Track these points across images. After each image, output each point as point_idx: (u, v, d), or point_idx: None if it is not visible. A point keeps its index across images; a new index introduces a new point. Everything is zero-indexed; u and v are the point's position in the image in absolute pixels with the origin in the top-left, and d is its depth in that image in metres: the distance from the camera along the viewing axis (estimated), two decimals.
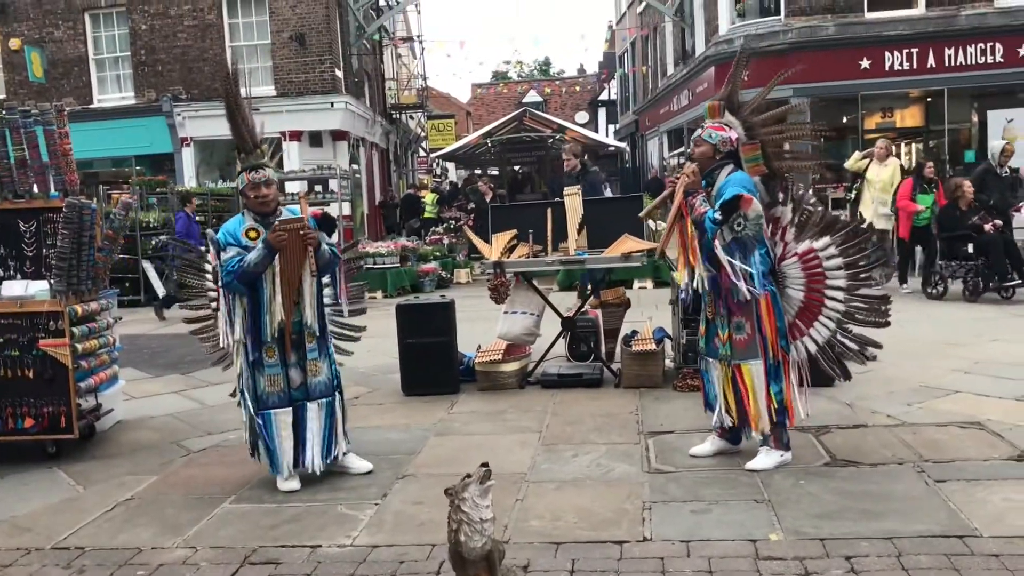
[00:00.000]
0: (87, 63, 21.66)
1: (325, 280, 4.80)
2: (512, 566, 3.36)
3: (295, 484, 4.55)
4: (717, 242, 4.37)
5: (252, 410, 4.54)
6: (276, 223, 4.42)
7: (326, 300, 4.87)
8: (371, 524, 4.04)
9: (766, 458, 4.53)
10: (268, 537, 3.94)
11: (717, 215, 4.35)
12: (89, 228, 5.50)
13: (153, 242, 14.24)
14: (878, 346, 4.62)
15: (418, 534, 3.86)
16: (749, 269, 4.38)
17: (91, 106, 21.48)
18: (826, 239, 4.51)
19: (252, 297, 4.47)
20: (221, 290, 4.49)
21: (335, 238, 4.88)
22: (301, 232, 4.40)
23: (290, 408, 4.56)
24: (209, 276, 5.27)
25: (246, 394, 4.57)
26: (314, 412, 4.60)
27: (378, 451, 5.11)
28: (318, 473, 4.62)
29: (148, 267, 13.79)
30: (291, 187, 16.81)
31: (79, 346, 5.36)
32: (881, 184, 11.49)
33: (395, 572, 3.50)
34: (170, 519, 4.24)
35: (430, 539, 3.74)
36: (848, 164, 12.21)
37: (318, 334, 4.62)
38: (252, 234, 4.47)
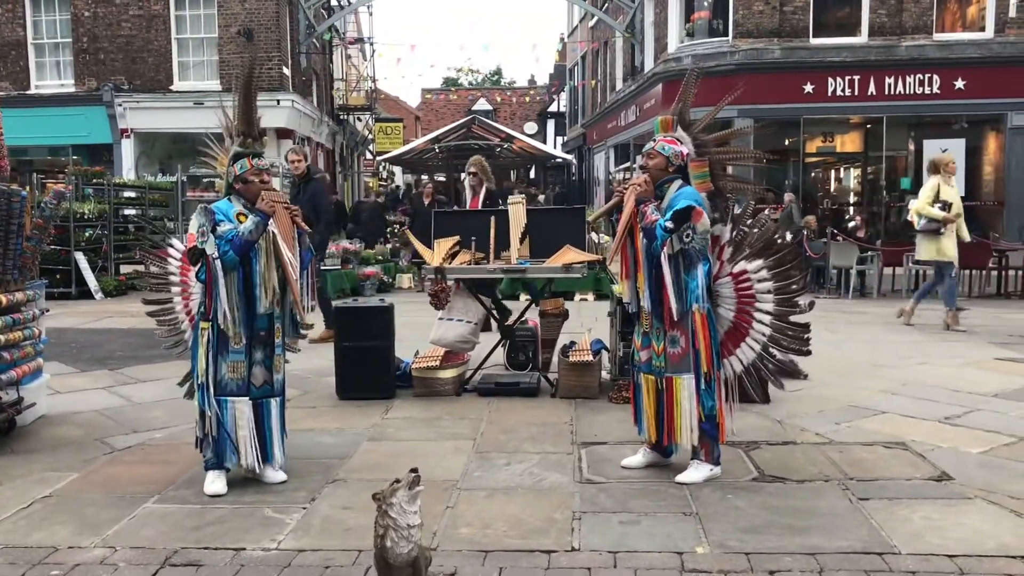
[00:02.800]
0: (25, 47, 21.14)
1: None
2: (439, 573, 3.35)
3: (222, 487, 4.45)
4: (665, 251, 4.42)
5: (210, 395, 4.41)
6: (261, 195, 4.45)
7: None
8: (297, 528, 3.98)
9: (696, 472, 4.58)
10: (190, 539, 3.86)
11: (668, 223, 4.38)
12: (18, 216, 5.36)
13: (87, 234, 13.90)
14: (798, 376, 4.70)
15: (345, 539, 3.82)
16: (689, 282, 4.44)
17: (28, 92, 20.95)
18: (759, 262, 4.57)
19: (242, 272, 4.42)
20: (214, 264, 4.30)
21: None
22: (285, 206, 4.52)
23: (248, 399, 4.48)
24: (174, 262, 5.13)
25: (205, 380, 4.42)
26: (275, 409, 4.59)
27: (309, 455, 5.05)
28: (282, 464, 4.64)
29: (81, 259, 13.45)
30: None
31: (1, 337, 5.20)
32: (956, 208, 9.85)
33: None
34: (90, 518, 4.13)
35: (357, 544, 3.70)
36: (925, 204, 9.88)
37: (287, 326, 4.67)
38: (242, 218, 4.43)
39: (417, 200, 18.73)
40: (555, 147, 39.44)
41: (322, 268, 9.91)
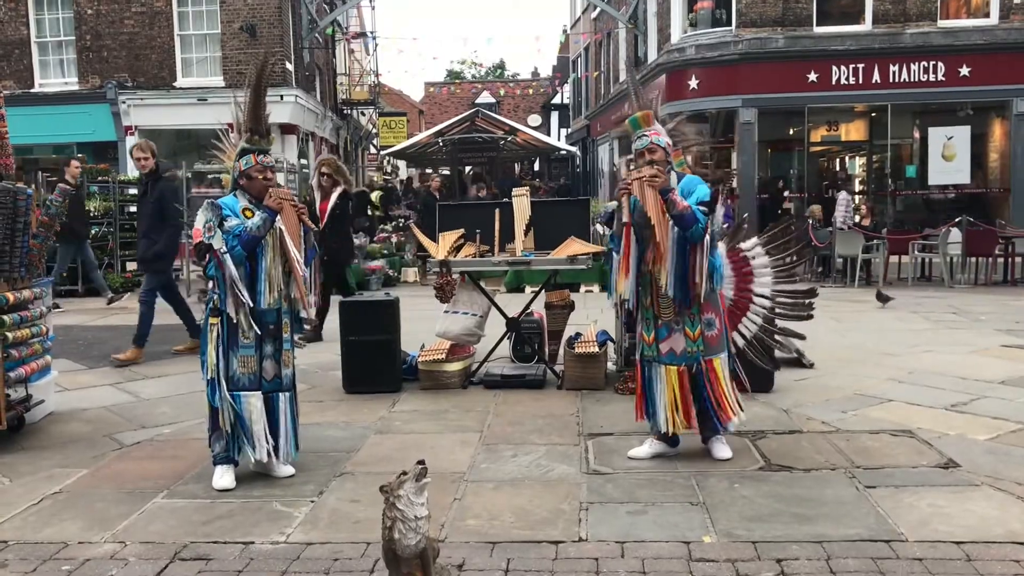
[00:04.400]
0: (29, 46, 21.16)
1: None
2: (447, 564, 3.35)
3: (230, 482, 4.47)
4: (707, 233, 4.47)
5: (223, 390, 4.41)
6: (269, 192, 4.47)
7: None
8: (306, 521, 4.00)
9: (727, 446, 4.70)
10: (200, 533, 3.88)
11: (703, 208, 4.43)
12: (24, 214, 5.38)
13: (93, 231, 13.92)
14: (801, 337, 4.79)
15: (353, 532, 3.84)
16: (716, 263, 4.59)
17: (32, 90, 20.98)
18: (753, 240, 4.71)
19: (248, 268, 4.45)
20: (223, 258, 4.35)
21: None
22: (292, 204, 4.54)
23: (260, 393, 4.50)
24: None
25: (215, 376, 4.43)
26: (284, 403, 4.58)
27: (316, 448, 5.06)
28: (294, 458, 4.64)
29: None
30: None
31: (9, 334, 5.22)
32: None
33: (328, 570, 3.47)
34: (99, 513, 4.15)
35: (365, 537, 3.72)
36: None
37: (295, 320, 4.67)
38: (248, 214, 4.47)
39: (425, 193, 18.65)
40: (559, 139, 39.43)
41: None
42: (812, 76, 18.35)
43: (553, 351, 7.28)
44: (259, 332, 4.47)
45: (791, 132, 19.84)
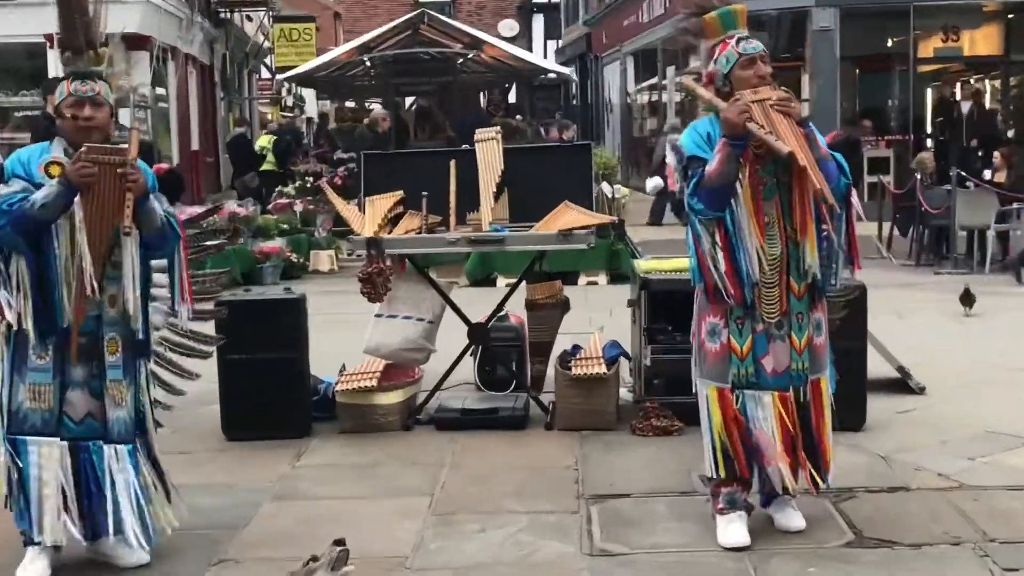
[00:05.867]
0: None
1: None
2: None
3: (43, 569, 4.43)
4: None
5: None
6: (82, 149, 4.26)
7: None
8: None
9: (797, 512, 4.75)
10: None
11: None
12: None
13: None
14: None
15: None
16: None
17: None
18: None
19: (39, 261, 4.35)
20: None
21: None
22: (119, 169, 4.28)
23: (60, 441, 4.40)
24: None
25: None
26: (113, 461, 4.46)
27: (183, 524, 5.02)
28: (146, 550, 4.54)
29: None
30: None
31: None
32: None
33: None
34: None
35: None
36: None
37: (135, 338, 4.53)
38: (55, 170, 4.33)
39: (372, 138, 18.21)
40: (545, 56, 39.40)
41: None
42: None
43: (539, 373, 7.27)
44: (57, 348, 4.39)
45: (889, 44, 19.92)
